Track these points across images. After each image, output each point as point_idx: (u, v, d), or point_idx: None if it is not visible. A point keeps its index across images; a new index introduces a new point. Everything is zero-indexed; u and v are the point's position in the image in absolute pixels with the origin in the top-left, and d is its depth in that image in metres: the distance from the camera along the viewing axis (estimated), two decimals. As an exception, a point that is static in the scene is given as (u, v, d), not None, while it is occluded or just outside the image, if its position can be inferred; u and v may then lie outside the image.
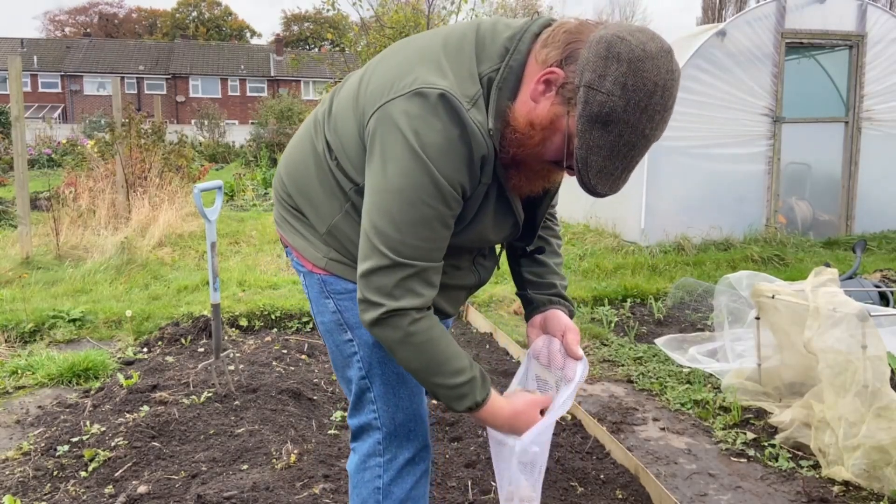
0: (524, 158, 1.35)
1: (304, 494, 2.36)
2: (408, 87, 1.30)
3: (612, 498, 2.41)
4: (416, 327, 1.34)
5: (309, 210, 1.53)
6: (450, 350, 1.38)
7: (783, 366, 3.07)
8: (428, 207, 1.30)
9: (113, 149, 8.46)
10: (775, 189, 7.00)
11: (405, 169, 1.28)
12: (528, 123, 1.31)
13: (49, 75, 42.29)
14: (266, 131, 20.00)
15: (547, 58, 1.29)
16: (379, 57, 1.49)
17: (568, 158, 1.30)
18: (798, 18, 6.94)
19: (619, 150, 1.25)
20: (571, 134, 1.27)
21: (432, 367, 1.37)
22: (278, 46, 47.81)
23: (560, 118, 1.28)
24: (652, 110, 1.23)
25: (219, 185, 3.29)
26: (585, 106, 1.22)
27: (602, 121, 1.22)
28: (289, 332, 4.32)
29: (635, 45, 1.22)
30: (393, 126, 1.29)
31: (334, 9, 10.69)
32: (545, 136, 1.31)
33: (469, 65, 1.34)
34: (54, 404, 3.24)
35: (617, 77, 1.20)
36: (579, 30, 1.30)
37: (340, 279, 1.52)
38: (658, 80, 1.22)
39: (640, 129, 1.24)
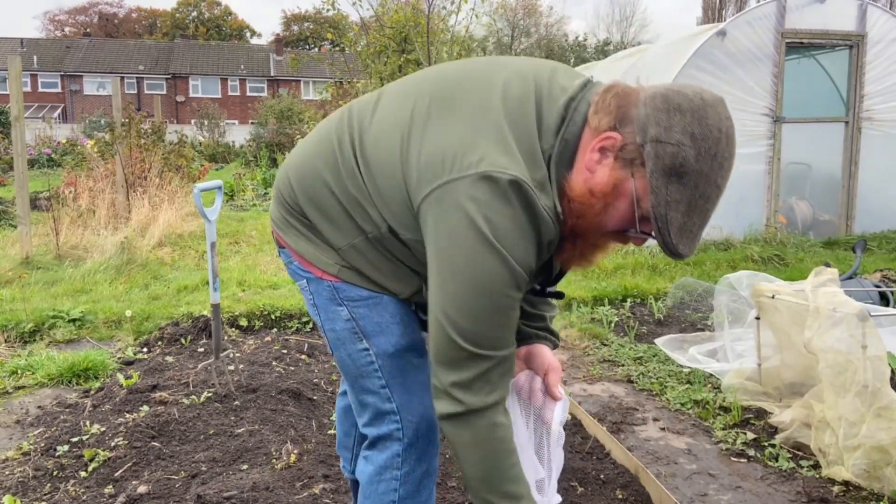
0: (583, 230, 1.31)
1: (304, 494, 2.36)
2: (473, 167, 1.22)
3: (612, 498, 2.40)
4: (492, 434, 1.31)
5: (324, 225, 1.46)
6: (514, 470, 1.34)
7: (783, 366, 3.07)
8: (504, 297, 1.26)
9: (113, 149, 8.46)
10: (775, 189, 7.00)
11: (478, 259, 1.23)
12: (587, 192, 1.26)
13: (49, 75, 42.29)
14: (266, 131, 20.02)
15: (599, 124, 1.26)
16: (423, 100, 1.36)
17: (642, 224, 1.27)
18: (798, 18, 6.94)
19: (696, 203, 1.22)
20: (639, 197, 1.24)
21: (492, 480, 1.32)
22: (278, 46, 47.81)
23: (624, 182, 1.24)
24: (721, 157, 1.22)
25: (219, 185, 3.29)
26: (657, 160, 1.19)
27: (677, 173, 1.19)
28: (289, 332, 4.32)
29: (692, 96, 1.21)
30: (460, 212, 1.22)
31: (334, 9, 10.69)
32: (607, 202, 1.26)
33: (532, 140, 1.28)
34: (54, 404, 3.24)
35: (684, 127, 1.19)
36: (626, 93, 1.27)
37: (354, 286, 1.47)
38: (721, 127, 1.21)
39: (713, 178, 1.22)
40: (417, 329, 1.54)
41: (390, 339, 1.50)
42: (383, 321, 1.49)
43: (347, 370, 1.55)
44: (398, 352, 1.50)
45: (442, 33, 10.13)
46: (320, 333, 1.60)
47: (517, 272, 1.25)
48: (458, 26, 9.98)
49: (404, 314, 1.52)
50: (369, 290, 1.47)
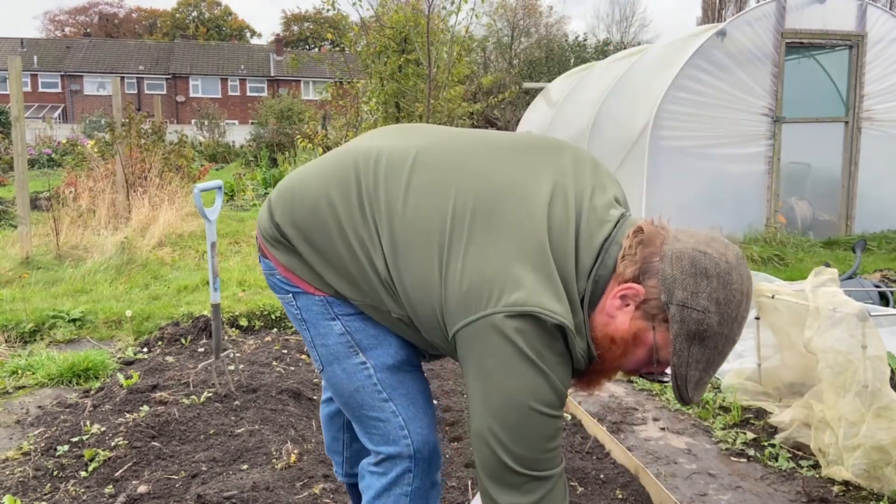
0: (599, 369, 1.35)
1: (304, 494, 2.36)
2: (520, 304, 1.21)
3: (612, 498, 2.41)
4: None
5: (325, 270, 1.42)
6: None
7: (783, 366, 3.07)
8: (554, 419, 1.27)
9: (113, 149, 8.46)
10: (775, 189, 7.01)
11: (532, 385, 1.23)
12: (607, 337, 1.29)
13: (49, 75, 42.29)
14: (266, 131, 20.02)
15: (624, 272, 1.27)
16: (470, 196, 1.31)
17: (659, 367, 1.30)
18: (798, 18, 6.94)
19: (714, 360, 1.26)
20: (658, 347, 1.27)
21: None
22: (278, 46, 47.81)
23: (644, 332, 1.27)
24: (741, 318, 1.26)
25: (219, 185, 3.29)
26: (682, 325, 1.22)
27: (700, 337, 1.22)
28: (289, 332, 4.32)
29: (718, 259, 1.23)
30: (506, 342, 1.22)
31: (334, 9, 10.68)
32: (627, 350, 1.29)
33: (571, 280, 1.28)
34: (54, 404, 3.24)
35: (710, 293, 1.21)
36: (650, 239, 1.28)
37: (347, 302, 1.44)
38: (743, 290, 1.25)
39: (732, 337, 1.26)
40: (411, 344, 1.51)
41: (388, 350, 1.46)
42: (379, 333, 1.46)
43: (342, 387, 1.49)
44: (397, 363, 1.47)
45: (442, 33, 10.13)
46: (307, 348, 1.53)
47: (562, 393, 1.28)
48: (458, 26, 9.98)
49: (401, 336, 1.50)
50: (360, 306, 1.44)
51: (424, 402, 1.50)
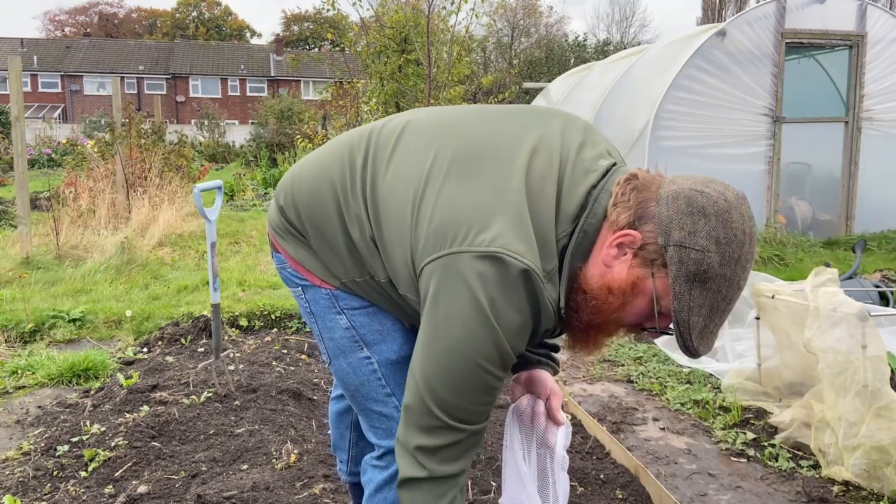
0: (599, 325, 1.29)
1: (304, 494, 2.36)
2: (486, 244, 1.18)
3: (612, 498, 2.41)
4: (448, 500, 1.28)
5: (328, 255, 1.43)
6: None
7: (783, 366, 3.07)
8: (490, 375, 1.24)
9: (113, 149, 8.46)
10: (775, 189, 7.01)
11: (474, 334, 1.20)
12: (604, 288, 1.24)
13: (49, 75, 42.30)
14: (266, 131, 20.01)
15: (618, 219, 1.23)
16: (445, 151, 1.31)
17: (661, 321, 1.25)
18: (798, 18, 6.94)
19: (717, 306, 1.20)
20: (659, 296, 1.22)
21: None
22: (278, 46, 47.81)
23: (643, 281, 1.22)
24: (745, 260, 1.20)
25: (219, 185, 3.29)
26: (680, 266, 1.17)
27: (700, 279, 1.17)
28: (289, 332, 4.32)
29: (717, 197, 1.19)
30: (464, 284, 1.19)
31: (334, 9, 10.69)
32: (626, 300, 1.24)
33: (548, 226, 1.24)
34: (54, 404, 3.24)
35: (709, 232, 1.17)
36: (646, 185, 1.24)
37: (354, 295, 1.44)
38: (745, 229, 1.20)
39: (736, 281, 1.20)
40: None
41: (392, 346, 1.47)
42: (384, 329, 1.46)
43: (348, 380, 1.50)
44: (401, 359, 1.46)
45: (442, 33, 10.14)
46: (317, 342, 1.56)
47: (507, 354, 1.23)
48: (459, 26, 9.99)
49: (404, 322, 1.49)
50: (368, 300, 1.44)
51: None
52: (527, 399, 1.58)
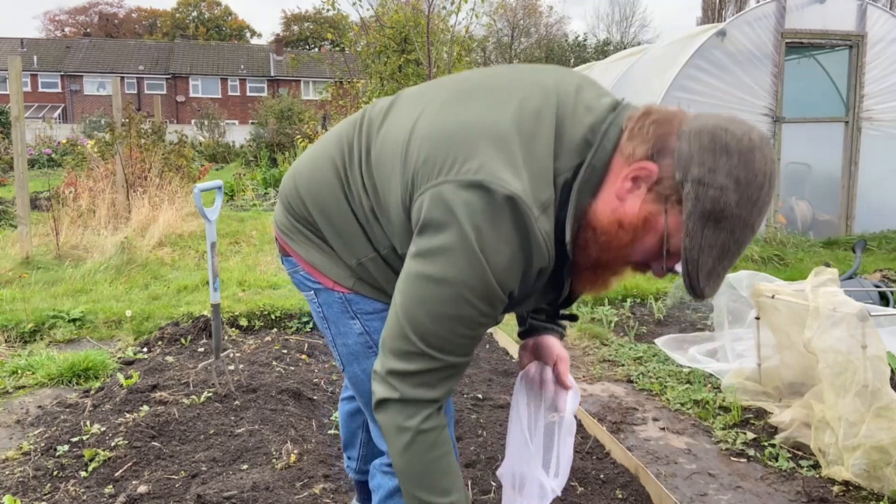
0: (606, 262, 1.25)
1: (304, 494, 2.36)
2: (472, 173, 1.15)
3: (611, 498, 2.41)
4: (424, 425, 1.25)
5: (335, 240, 1.41)
6: (445, 463, 1.28)
7: (783, 366, 3.07)
8: (472, 308, 1.20)
9: (113, 149, 8.46)
10: (775, 189, 7.01)
11: (457, 264, 1.16)
12: (615, 223, 1.20)
13: (49, 75, 42.31)
14: (266, 131, 20.02)
15: (634, 152, 1.19)
16: (436, 96, 1.31)
17: (669, 260, 1.21)
18: (798, 18, 6.94)
19: (729, 248, 1.16)
20: (670, 234, 1.18)
21: (422, 477, 1.27)
22: (278, 46, 47.82)
23: (656, 217, 1.18)
24: (762, 204, 1.16)
25: (219, 185, 3.29)
26: (696, 203, 1.13)
27: (715, 218, 1.13)
28: (289, 332, 4.32)
29: (741, 136, 1.14)
30: (450, 213, 1.16)
31: (334, 9, 10.69)
32: (636, 236, 1.20)
33: (545, 160, 1.20)
34: (54, 404, 3.24)
35: (729, 170, 1.12)
36: (667, 119, 1.20)
37: (368, 298, 1.41)
38: (766, 171, 1.15)
39: (751, 224, 1.16)
40: None
41: None
42: None
43: (361, 387, 1.48)
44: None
45: (442, 33, 10.14)
46: (329, 348, 1.53)
47: (493, 289, 1.19)
48: (459, 26, 9.99)
49: None
50: (384, 303, 1.40)
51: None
52: (535, 366, 1.58)
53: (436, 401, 1.26)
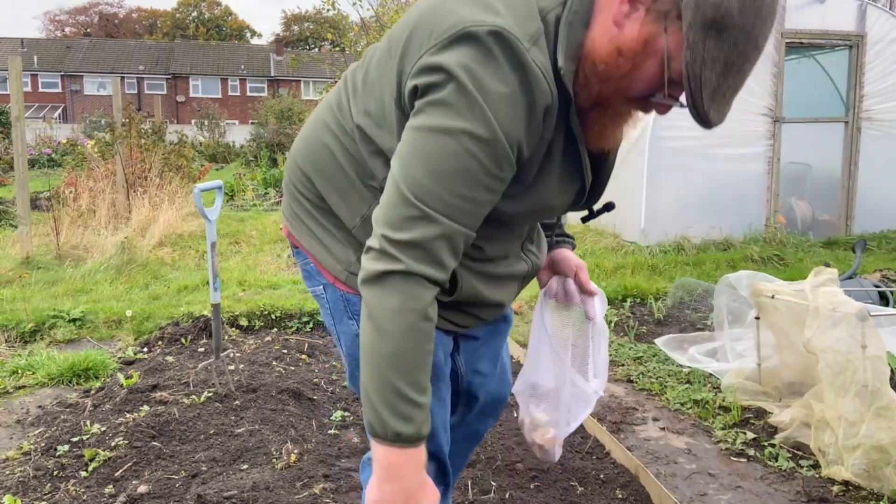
0: (607, 97, 1.19)
1: (304, 494, 2.37)
2: (450, 30, 1.10)
3: (611, 497, 2.41)
4: (431, 311, 1.14)
5: (337, 199, 1.35)
6: (429, 359, 1.16)
7: (783, 365, 3.08)
8: (473, 159, 1.11)
9: (113, 149, 8.46)
10: (775, 189, 7.01)
11: (456, 111, 1.09)
12: (614, 52, 1.14)
13: (49, 75, 42.32)
14: (266, 131, 20.01)
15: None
16: (406, 14, 1.28)
17: (671, 88, 1.15)
18: (798, 18, 6.94)
19: (733, 63, 1.10)
20: (671, 56, 1.12)
21: (411, 368, 1.13)
22: (278, 46, 47.83)
23: (656, 38, 1.12)
24: (766, 14, 1.09)
25: (219, 185, 3.29)
26: (696, 11, 1.06)
27: (717, 27, 1.06)
28: (289, 332, 4.32)
29: None
30: (439, 71, 1.09)
31: (334, 9, 10.70)
32: (636, 63, 1.14)
33: (526, 1, 1.15)
34: (54, 404, 3.24)
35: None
36: None
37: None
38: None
39: (754, 36, 1.09)
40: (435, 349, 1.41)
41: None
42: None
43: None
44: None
45: (442, 33, 10.13)
46: (334, 344, 1.53)
47: (497, 136, 1.11)
48: (458, 26, 9.96)
49: None
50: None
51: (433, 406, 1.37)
52: (555, 281, 1.58)
53: (440, 284, 1.16)
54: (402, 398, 1.12)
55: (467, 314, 1.42)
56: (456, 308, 1.39)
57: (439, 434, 1.43)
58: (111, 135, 8.63)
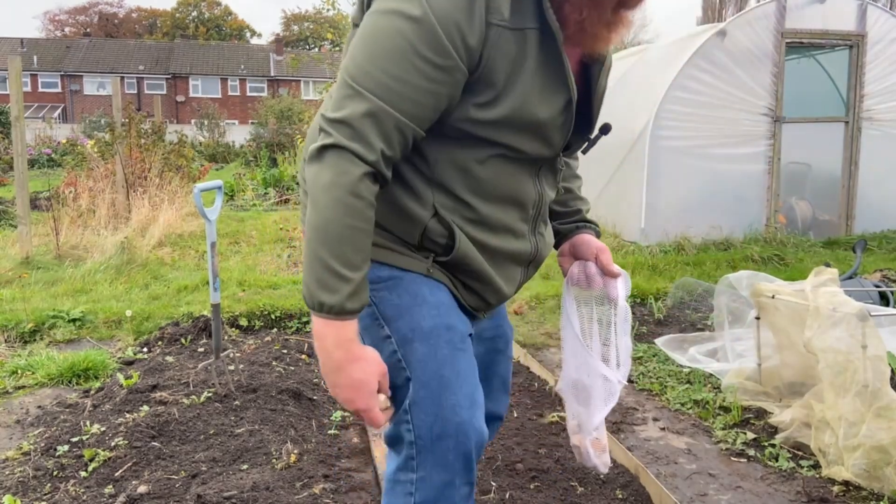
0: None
1: (304, 494, 2.36)
2: None
3: (612, 498, 2.41)
4: (359, 187, 1.14)
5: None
6: (363, 242, 1.16)
7: (783, 366, 3.07)
8: (403, 38, 1.13)
9: (113, 149, 8.46)
10: (775, 189, 7.00)
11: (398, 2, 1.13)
12: None
13: (49, 75, 42.30)
14: (266, 131, 20.02)
15: None
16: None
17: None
18: (798, 18, 6.94)
19: None
20: None
21: (332, 236, 1.13)
22: (278, 46, 47.82)
23: None
24: None
25: (219, 185, 3.29)
26: None
27: None
28: (289, 332, 4.32)
29: None
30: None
31: (334, 8, 10.68)
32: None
33: None
34: (54, 404, 3.24)
35: None
36: None
37: (377, 264, 1.29)
38: None
39: None
40: (447, 314, 1.33)
41: (409, 323, 1.30)
42: (402, 303, 1.31)
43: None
44: (419, 337, 1.29)
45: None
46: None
47: (428, 17, 1.11)
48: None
49: (428, 295, 1.32)
50: (389, 269, 1.31)
51: (439, 388, 1.28)
52: (577, 266, 1.56)
53: (370, 163, 1.15)
54: (327, 269, 1.14)
55: (472, 291, 1.39)
56: (463, 284, 1.37)
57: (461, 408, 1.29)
58: (111, 135, 8.63)
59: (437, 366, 1.29)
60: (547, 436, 2.87)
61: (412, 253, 1.33)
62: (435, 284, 1.35)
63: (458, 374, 1.31)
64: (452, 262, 1.34)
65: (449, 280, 1.37)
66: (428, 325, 1.31)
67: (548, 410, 3.13)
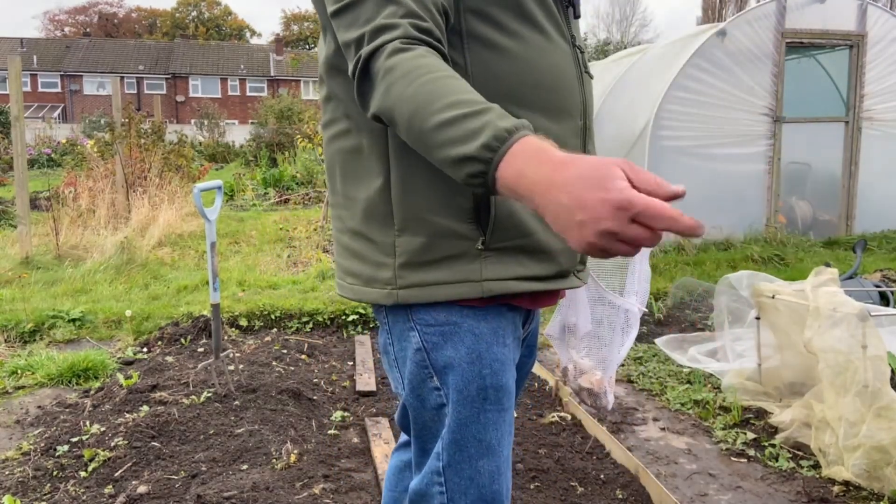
0: None
1: (304, 494, 2.36)
2: None
3: (612, 498, 2.40)
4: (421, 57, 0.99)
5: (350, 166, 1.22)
6: (459, 83, 0.96)
7: (783, 366, 3.07)
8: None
9: (113, 149, 8.46)
10: (775, 189, 7.00)
11: None
12: None
13: (49, 75, 42.29)
14: (266, 131, 19.99)
15: None
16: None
17: None
18: (798, 18, 6.93)
19: None
20: None
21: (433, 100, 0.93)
22: (278, 46, 47.80)
23: None
24: None
25: (218, 185, 3.29)
26: None
27: None
28: (289, 332, 4.32)
29: None
30: None
31: (334, 8, 10.68)
32: None
33: None
34: (54, 404, 3.24)
35: None
36: None
37: (428, 308, 1.15)
38: None
39: None
40: (501, 371, 1.17)
41: (459, 381, 1.16)
42: (457, 357, 1.15)
43: (417, 415, 1.22)
44: (467, 397, 1.16)
45: (442, 33, 10.11)
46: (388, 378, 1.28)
47: None
48: (458, 26, 9.95)
49: (485, 351, 1.16)
50: (445, 311, 1.15)
51: (479, 455, 1.17)
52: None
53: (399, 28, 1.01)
54: (452, 123, 0.91)
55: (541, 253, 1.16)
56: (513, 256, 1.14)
57: (499, 475, 1.19)
58: (111, 135, 8.63)
59: (479, 429, 1.17)
60: (547, 436, 2.87)
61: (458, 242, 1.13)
62: (494, 326, 1.18)
63: (500, 440, 1.19)
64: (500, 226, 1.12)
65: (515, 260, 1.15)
66: (477, 386, 1.16)
67: (548, 410, 3.13)
